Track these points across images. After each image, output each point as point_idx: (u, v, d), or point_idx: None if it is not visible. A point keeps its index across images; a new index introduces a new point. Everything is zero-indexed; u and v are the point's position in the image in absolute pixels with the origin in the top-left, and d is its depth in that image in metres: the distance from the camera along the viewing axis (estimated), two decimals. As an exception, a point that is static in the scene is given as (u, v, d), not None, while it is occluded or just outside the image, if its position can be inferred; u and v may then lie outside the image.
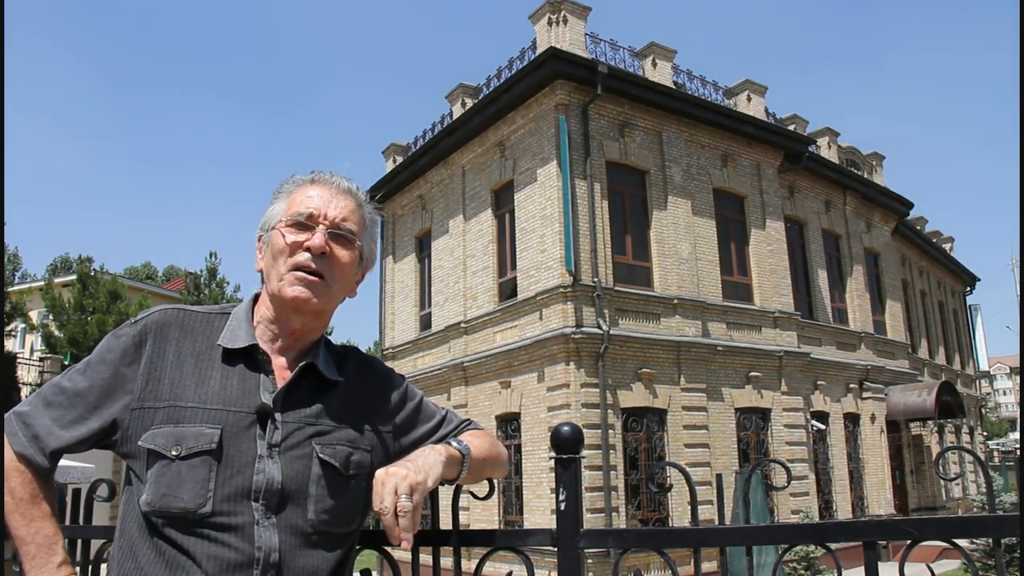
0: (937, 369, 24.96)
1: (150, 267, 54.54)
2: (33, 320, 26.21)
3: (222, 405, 1.28)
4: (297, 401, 1.33)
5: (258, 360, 1.34)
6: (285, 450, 1.28)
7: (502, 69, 15.36)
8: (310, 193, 1.40)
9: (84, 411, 1.30)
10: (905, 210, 21.74)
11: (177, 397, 1.28)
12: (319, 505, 1.28)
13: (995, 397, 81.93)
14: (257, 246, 1.45)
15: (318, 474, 1.29)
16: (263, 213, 1.46)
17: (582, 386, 12.69)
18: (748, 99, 17.22)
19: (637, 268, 14.35)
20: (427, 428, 1.49)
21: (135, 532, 1.25)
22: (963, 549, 1.49)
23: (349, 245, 1.40)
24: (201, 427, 1.25)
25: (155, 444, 1.24)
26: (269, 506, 1.24)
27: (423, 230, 18.22)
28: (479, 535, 1.57)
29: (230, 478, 1.23)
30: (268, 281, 1.39)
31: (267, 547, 1.22)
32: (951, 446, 4.25)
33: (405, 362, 18.13)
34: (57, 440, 1.30)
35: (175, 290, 31.08)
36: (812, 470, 16.06)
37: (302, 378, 1.35)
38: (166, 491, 1.22)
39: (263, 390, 1.31)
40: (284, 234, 1.36)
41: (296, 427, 1.30)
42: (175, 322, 1.36)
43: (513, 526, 13.26)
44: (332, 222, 1.37)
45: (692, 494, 1.49)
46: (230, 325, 1.38)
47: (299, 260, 1.34)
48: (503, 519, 13.89)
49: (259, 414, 1.28)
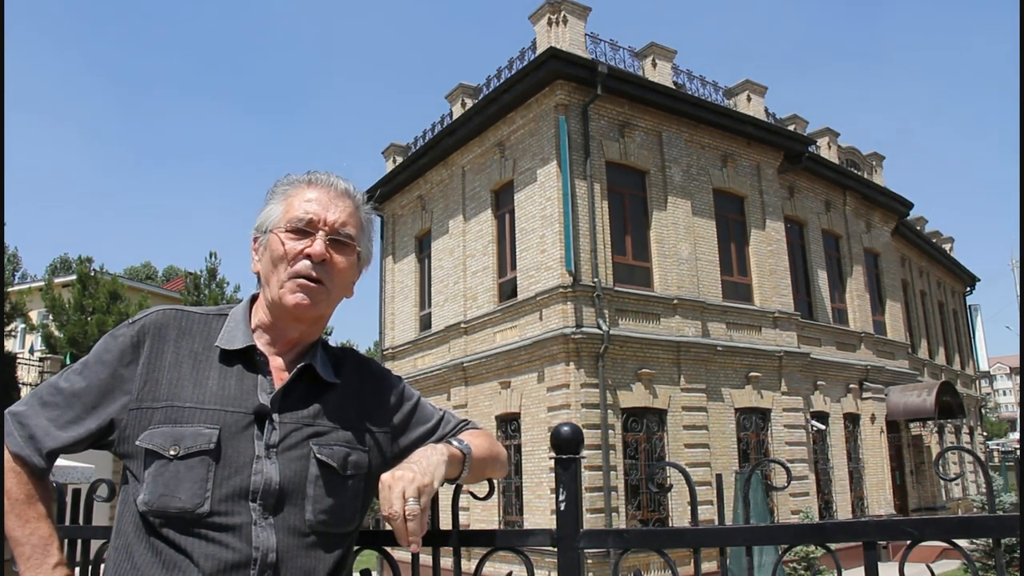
0: (937, 369, 24.95)
1: (150, 267, 54.50)
2: (33, 320, 26.20)
3: (220, 405, 1.27)
4: (295, 402, 1.32)
5: (256, 361, 1.34)
6: (283, 451, 1.27)
7: (502, 69, 15.35)
8: (308, 196, 1.38)
9: (81, 411, 1.30)
10: (905, 210, 21.74)
11: (175, 397, 1.27)
12: (317, 506, 1.28)
13: (995, 397, 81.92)
14: (253, 247, 1.43)
15: (316, 474, 1.29)
16: (258, 213, 1.44)
17: (582, 386, 12.69)
18: (748, 99, 17.22)
19: (637, 268, 14.34)
20: (425, 429, 1.49)
21: (131, 532, 1.25)
22: (963, 549, 1.49)
23: (349, 250, 1.39)
24: (199, 427, 1.25)
25: (153, 444, 1.24)
26: (267, 506, 1.24)
27: (423, 230, 18.22)
28: (479, 535, 1.57)
29: (228, 478, 1.23)
30: (267, 287, 1.38)
31: (265, 547, 1.21)
32: (951, 446, 4.24)
33: (405, 362, 18.13)
34: (54, 440, 1.29)
35: (175, 290, 31.06)
36: (812, 470, 16.06)
37: (300, 379, 1.34)
38: (164, 491, 1.21)
39: (261, 391, 1.31)
40: (283, 240, 1.35)
41: (294, 428, 1.30)
42: (173, 323, 1.35)
43: (513, 526, 13.25)
44: (331, 227, 1.36)
45: (692, 494, 1.48)
46: (228, 326, 1.37)
47: (299, 268, 1.33)
48: (503, 519, 13.88)
49: (257, 415, 1.28)
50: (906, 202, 21.42)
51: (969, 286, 31.51)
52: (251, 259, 1.44)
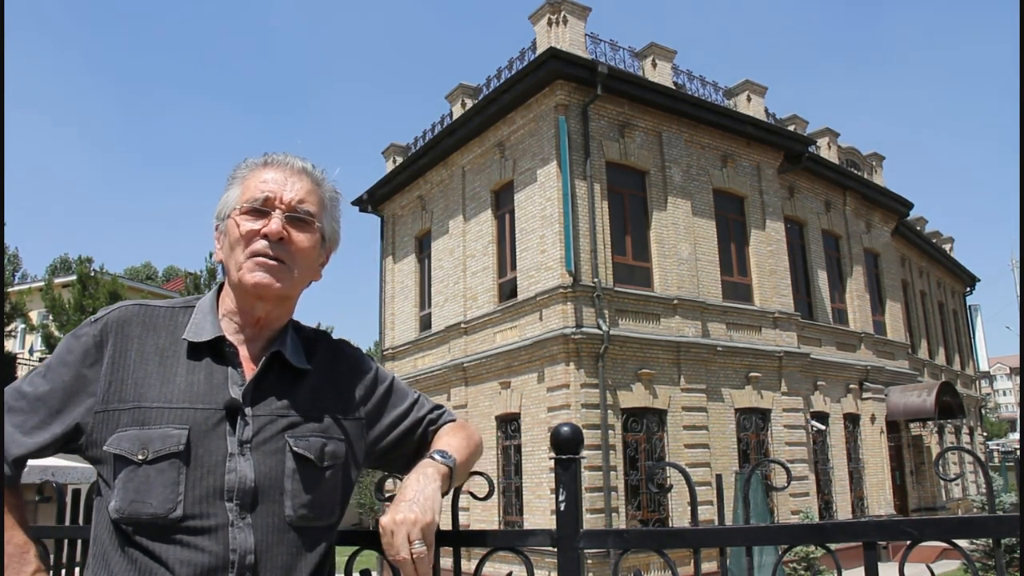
0: (937, 369, 24.94)
1: (150, 267, 54.48)
2: (33, 320, 26.17)
3: (188, 403, 1.23)
4: (267, 393, 1.28)
5: (225, 352, 1.29)
6: (257, 446, 1.24)
7: (502, 69, 15.36)
8: (264, 177, 1.35)
9: (46, 416, 1.25)
10: (905, 210, 21.73)
11: (142, 397, 1.23)
12: (296, 500, 1.24)
13: (995, 397, 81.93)
14: (215, 236, 1.40)
15: (292, 468, 1.25)
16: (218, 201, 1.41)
17: (582, 386, 12.69)
18: (748, 99, 17.22)
19: (637, 268, 14.34)
20: (399, 412, 1.47)
21: (107, 540, 1.21)
22: (963, 549, 1.49)
23: (308, 227, 1.35)
24: (167, 428, 1.20)
25: (120, 448, 1.20)
26: (244, 505, 1.20)
27: (423, 230, 18.21)
28: (479, 535, 1.57)
29: (200, 479, 1.19)
30: (228, 271, 1.34)
31: (242, 549, 1.18)
32: (951, 446, 4.24)
33: (405, 362, 18.13)
34: (20, 447, 1.23)
35: (175, 290, 31.05)
36: (812, 470, 16.06)
37: (270, 368, 1.31)
38: (134, 497, 1.18)
39: (231, 384, 1.27)
40: (239, 223, 1.32)
41: (268, 420, 1.26)
42: (136, 318, 1.31)
43: (513, 526, 13.26)
44: (288, 205, 1.33)
45: (692, 494, 1.48)
46: (195, 318, 1.33)
47: (256, 248, 1.30)
48: (503, 519, 13.88)
49: (228, 410, 1.24)
50: (906, 202, 21.41)
51: (969, 286, 31.50)
52: (215, 249, 1.41)
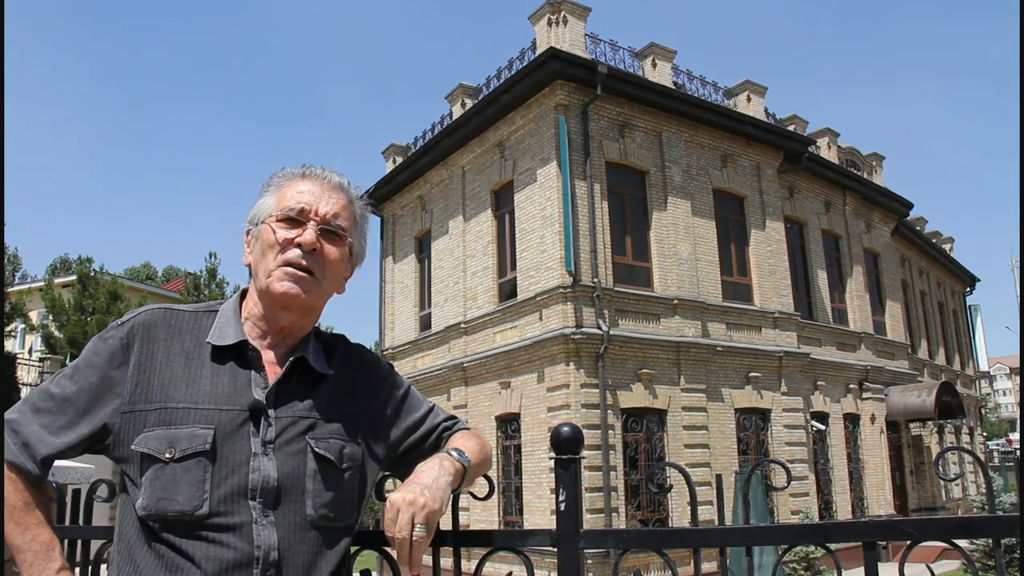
0: (937, 369, 24.94)
1: (150, 267, 54.49)
2: (33, 320, 26.20)
3: (214, 404, 1.26)
4: (289, 396, 1.32)
5: (248, 356, 1.33)
6: (280, 446, 1.27)
7: (502, 69, 15.36)
8: (301, 188, 1.38)
9: (74, 416, 1.28)
10: (905, 210, 21.73)
11: (168, 398, 1.26)
12: (317, 500, 1.28)
13: (995, 397, 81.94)
14: (245, 240, 1.43)
15: (314, 469, 1.29)
16: (252, 206, 1.43)
17: (582, 386, 12.69)
18: (748, 99, 17.22)
19: (637, 268, 14.34)
20: (415, 418, 1.50)
21: (133, 536, 1.25)
22: (963, 549, 1.49)
23: (340, 242, 1.38)
24: (194, 428, 1.24)
25: (148, 447, 1.23)
26: (266, 504, 1.24)
27: (423, 230, 18.21)
28: (479, 535, 1.57)
29: (225, 478, 1.23)
30: (256, 276, 1.37)
31: (266, 545, 1.21)
32: (951, 446, 4.24)
33: (405, 362, 18.12)
34: (48, 447, 1.27)
35: (175, 290, 31.02)
36: (812, 470, 16.05)
37: (292, 372, 1.34)
38: (161, 494, 1.21)
39: (255, 386, 1.30)
40: (275, 229, 1.35)
41: (290, 422, 1.29)
42: (162, 322, 1.34)
43: (513, 526, 13.26)
44: (323, 218, 1.36)
45: (692, 494, 1.48)
46: (218, 322, 1.36)
47: (289, 256, 1.33)
48: (503, 519, 13.88)
49: (252, 411, 1.27)
50: (906, 202, 21.41)
51: (969, 286, 31.49)
52: (243, 252, 1.44)
